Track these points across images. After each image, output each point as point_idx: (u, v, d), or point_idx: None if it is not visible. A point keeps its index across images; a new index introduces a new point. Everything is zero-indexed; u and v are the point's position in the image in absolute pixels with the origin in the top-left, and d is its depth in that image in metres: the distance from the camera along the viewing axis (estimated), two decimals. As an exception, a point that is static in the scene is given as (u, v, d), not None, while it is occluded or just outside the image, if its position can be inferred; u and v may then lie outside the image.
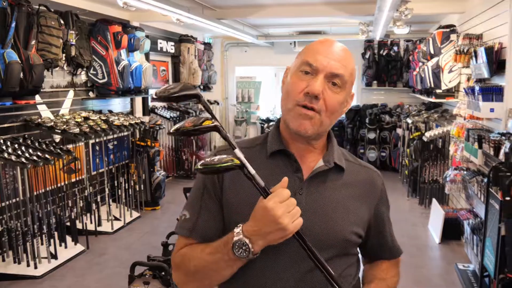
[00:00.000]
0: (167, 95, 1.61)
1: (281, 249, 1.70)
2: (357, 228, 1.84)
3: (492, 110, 5.49)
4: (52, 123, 6.60)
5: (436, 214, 7.39)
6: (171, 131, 1.68)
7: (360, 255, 2.05)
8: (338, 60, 1.73)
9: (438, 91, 7.97)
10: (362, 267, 2.06)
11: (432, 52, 8.25)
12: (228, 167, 1.60)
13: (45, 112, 6.99)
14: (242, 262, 1.66)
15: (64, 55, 6.88)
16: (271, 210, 1.53)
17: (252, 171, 1.61)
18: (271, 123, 13.68)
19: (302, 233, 1.64)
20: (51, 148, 6.30)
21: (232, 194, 1.82)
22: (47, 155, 5.99)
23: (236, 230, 1.62)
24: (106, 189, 8.04)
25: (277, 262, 1.75)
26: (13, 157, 5.61)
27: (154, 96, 1.63)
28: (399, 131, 11.73)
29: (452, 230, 6.93)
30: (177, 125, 1.67)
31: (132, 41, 8.47)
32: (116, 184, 8.34)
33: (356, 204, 1.86)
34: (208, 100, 13.08)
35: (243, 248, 1.59)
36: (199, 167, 1.62)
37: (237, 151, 1.62)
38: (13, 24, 5.80)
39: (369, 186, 1.94)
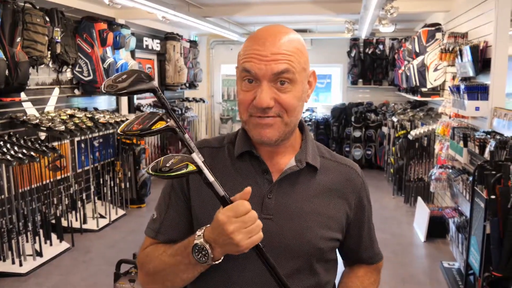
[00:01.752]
0: (115, 90, 1.40)
1: (248, 258, 1.58)
2: (332, 232, 1.71)
3: (477, 108, 5.52)
4: (38, 121, 6.57)
5: (421, 212, 7.42)
6: (119, 130, 1.45)
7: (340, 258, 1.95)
8: (277, 56, 1.54)
9: (423, 89, 7.99)
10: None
11: (417, 50, 8.27)
12: (180, 175, 1.46)
13: (30, 110, 6.94)
14: (203, 267, 1.56)
15: (49, 52, 6.84)
16: (223, 225, 1.43)
17: (211, 178, 1.47)
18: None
19: (271, 241, 1.59)
20: (37, 145, 6.26)
21: (199, 194, 1.72)
22: (32, 153, 5.96)
23: (198, 233, 1.52)
24: (92, 187, 8.03)
25: (244, 271, 1.65)
26: (-2, 155, 5.58)
27: (103, 90, 1.41)
28: (385, 129, 11.76)
29: (437, 228, 6.96)
30: (126, 123, 1.45)
31: (117, 38, 8.44)
32: (101, 182, 8.30)
33: (331, 207, 1.72)
34: (194, 98, 13.07)
35: (202, 252, 1.48)
36: (149, 171, 1.47)
37: (195, 155, 1.47)
38: (-1, 21, 5.78)
39: (347, 185, 1.77)
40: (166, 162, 1.46)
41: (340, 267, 1.97)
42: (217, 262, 1.51)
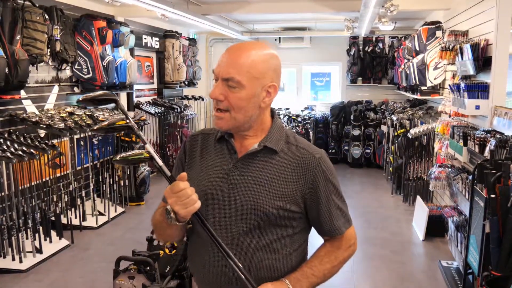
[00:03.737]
0: (88, 99, 1.99)
1: (215, 214, 2.09)
2: (280, 202, 2.05)
3: (477, 107, 5.52)
4: (37, 118, 6.57)
5: (420, 211, 7.42)
6: (95, 128, 2.07)
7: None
8: (228, 65, 2.00)
9: (423, 88, 7.98)
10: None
11: (417, 48, 8.26)
12: (138, 159, 2.02)
13: (30, 107, 6.95)
14: (177, 226, 2.05)
15: (49, 50, 6.82)
16: (167, 198, 1.95)
17: (160, 163, 2.00)
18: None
19: (232, 205, 2.06)
20: (36, 143, 6.27)
21: (190, 165, 2.25)
22: (32, 150, 5.97)
23: None
24: (91, 184, 8.04)
25: (211, 224, 2.06)
26: (-2, 152, 5.58)
27: (80, 99, 2.00)
28: (384, 128, 11.76)
29: (436, 227, 6.96)
30: (98, 125, 2.05)
31: (117, 36, 8.43)
32: (100, 179, 8.31)
33: (283, 181, 2.08)
34: (193, 96, 13.05)
35: (168, 215, 1.99)
36: (117, 159, 2.01)
37: (148, 146, 2.01)
38: (-2, 19, 5.77)
39: (301, 165, 2.10)
40: (127, 152, 2.02)
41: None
42: (182, 223, 2.04)
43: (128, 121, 1.99)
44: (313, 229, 2.26)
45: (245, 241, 2.06)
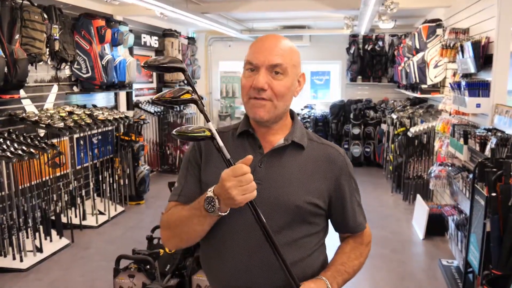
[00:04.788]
0: (157, 64, 1.87)
1: (240, 217, 1.99)
2: (311, 197, 2.04)
3: (478, 105, 5.50)
4: (37, 118, 6.57)
5: (420, 210, 7.41)
6: (153, 98, 1.93)
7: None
8: (274, 53, 1.97)
9: (423, 86, 7.97)
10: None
11: (417, 46, 8.24)
12: (198, 136, 1.89)
13: (29, 107, 6.94)
14: (212, 219, 1.93)
15: (48, 49, 6.83)
16: (223, 181, 1.80)
17: (221, 143, 1.88)
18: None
19: (260, 201, 1.92)
20: (36, 142, 6.27)
21: (208, 163, 2.13)
22: (32, 150, 5.97)
23: (210, 188, 1.88)
24: (91, 184, 8.04)
25: (236, 227, 2.02)
26: (-3, 152, 5.58)
27: (143, 65, 1.90)
28: (384, 126, 11.74)
29: (436, 226, 6.95)
30: (159, 94, 1.90)
31: (115, 35, 8.42)
32: (100, 179, 8.32)
33: (311, 177, 2.07)
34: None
35: (211, 204, 1.85)
36: (173, 133, 1.90)
37: (210, 124, 1.90)
38: (-3, 18, 5.77)
39: (328, 162, 2.11)
40: (188, 127, 1.91)
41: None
42: (223, 214, 1.88)
43: (193, 95, 1.89)
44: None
45: (274, 238, 1.96)
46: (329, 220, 2.23)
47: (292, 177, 2.04)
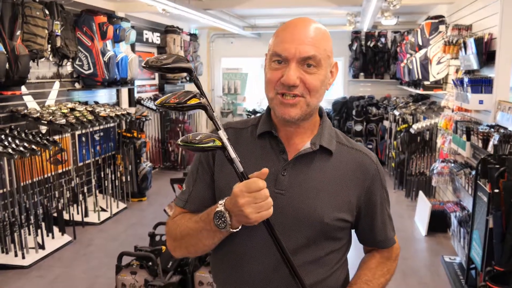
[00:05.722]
0: (160, 65, 1.65)
1: (260, 231, 1.76)
2: (340, 212, 1.84)
3: (481, 102, 5.48)
4: (38, 114, 6.56)
5: (423, 207, 7.40)
6: (156, 103, 1.68)
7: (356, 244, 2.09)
8: (306, 43, 1.73)
9: (426, 83, 7.95)
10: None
11: (420, 43, 8.23)
12: (207, 148, 1.65)
13: (31, 103, 6.93)
14: (222, 234, 1.74)
15: (49, 45, 6.83)
16: (236, 197, 1.60)
17: (233, 154, 1.65)
18: (257, 115, 13.63)
19: (282, 214, 1.77)
20: (38, 139, 6.26)
21: (223, 168, 1.89)
22: (33, 146, 5.96)
23: (220, 202, 1.69)
24: (93, 180, 8.02)
25: (255, 243, 1.83)
26: (-1, 148, 5.58)
27: (144, 65, 1.68)
28: (386, 123, 11.73)
29: (438, 223, 6.94)
30: (163, 98, 1.67)
31: (117, 31, 8.41)
32: (102, 175, 8.32)
33: (342, 188, 1.85)
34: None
35: (222, 219, 1.66)
36: (179, 142, 1.66)
37: (221, 132, 1.66)
38: (-2, 14, 5.76)
39: (360, 170, 1.91)
40: (195, 136, 1.65)
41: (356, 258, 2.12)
42: (234, 231, 1.69)
43: (201, 99, 1.66)
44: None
45: (296, 255, 1.79)
46: (353, 231, 2.03)
47: (319, 187, 1.82)
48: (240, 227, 1.69)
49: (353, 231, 2.03)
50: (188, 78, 12.16)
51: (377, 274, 2.00)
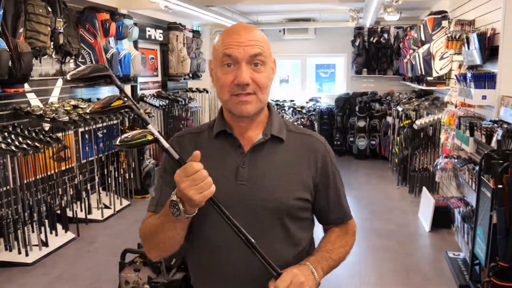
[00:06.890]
0: (79, 76, 1.75)
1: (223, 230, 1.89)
2: (299, 192, 2.00)
3: (484, 97, 5.47)
4: (42, 112, 6.57)
5: (426, 203, 7.39)
6: (88, 111, 1.90)
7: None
8: (252, 42, 1.89)
9: (429, 78, 7.93)
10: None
11: (423, 39, 8.21)
12: (141, 142, 1.81)
13: (34, 101, 6.94)
14: (182, 222, 1.85)
15: (52, 43, 6.81)
16: (177, 183, 1.73)
17: (166, 145, 1.81)
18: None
19: (247, 203, 1.92)
20: (41, 136, 6.27)
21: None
22: (36, 144, 5.96)
23: (173, 192, 1.79)
24: (96, 177, 8.02)
25: (225, 232, 1.89)
26: (2, 145, 5.59)
27: (68, 78, 1.77)
28: (389, 119, 11.73)
29: (442, 219, 6.93)
30: (90, 107, 1.81)
31: (120, 28, 8.40)
32: (105, 173, 8.34)
33: (296, 170, 2.01)
34: (197, 88, 13.02)
35: (176, 207, 1.76)
36: (116, 143, 1.80)
37: (150, 126, 1.80)
38: (1, 12, 5.75)
39: (310, 151, 2.06)
40: (128, 135, 1.81)
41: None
42: (190, 216, 1.79)
43: (125, 99, 1.77)
44: None
45: (266, 238, 1.93)
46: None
47: (276, 172, 1.98)
48: (196, 212, 1.80)
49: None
50: (191, 75, 12.18)
51: (336, 245, 2.12)
